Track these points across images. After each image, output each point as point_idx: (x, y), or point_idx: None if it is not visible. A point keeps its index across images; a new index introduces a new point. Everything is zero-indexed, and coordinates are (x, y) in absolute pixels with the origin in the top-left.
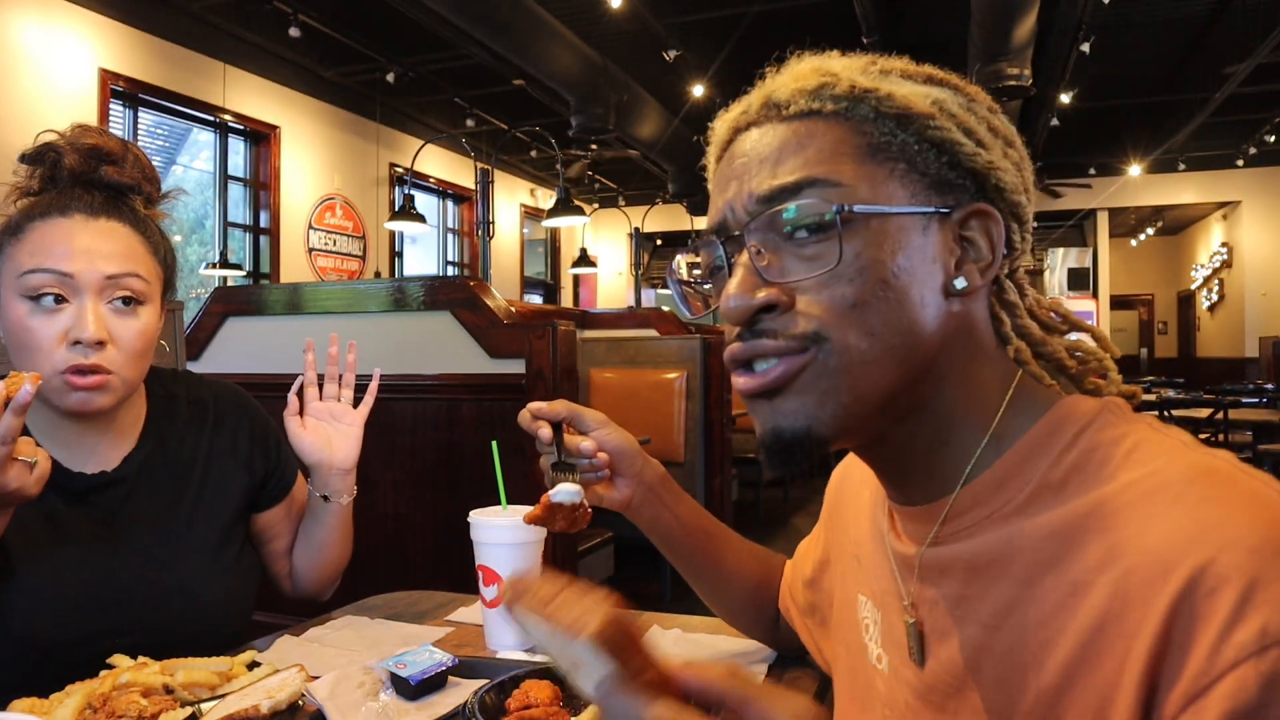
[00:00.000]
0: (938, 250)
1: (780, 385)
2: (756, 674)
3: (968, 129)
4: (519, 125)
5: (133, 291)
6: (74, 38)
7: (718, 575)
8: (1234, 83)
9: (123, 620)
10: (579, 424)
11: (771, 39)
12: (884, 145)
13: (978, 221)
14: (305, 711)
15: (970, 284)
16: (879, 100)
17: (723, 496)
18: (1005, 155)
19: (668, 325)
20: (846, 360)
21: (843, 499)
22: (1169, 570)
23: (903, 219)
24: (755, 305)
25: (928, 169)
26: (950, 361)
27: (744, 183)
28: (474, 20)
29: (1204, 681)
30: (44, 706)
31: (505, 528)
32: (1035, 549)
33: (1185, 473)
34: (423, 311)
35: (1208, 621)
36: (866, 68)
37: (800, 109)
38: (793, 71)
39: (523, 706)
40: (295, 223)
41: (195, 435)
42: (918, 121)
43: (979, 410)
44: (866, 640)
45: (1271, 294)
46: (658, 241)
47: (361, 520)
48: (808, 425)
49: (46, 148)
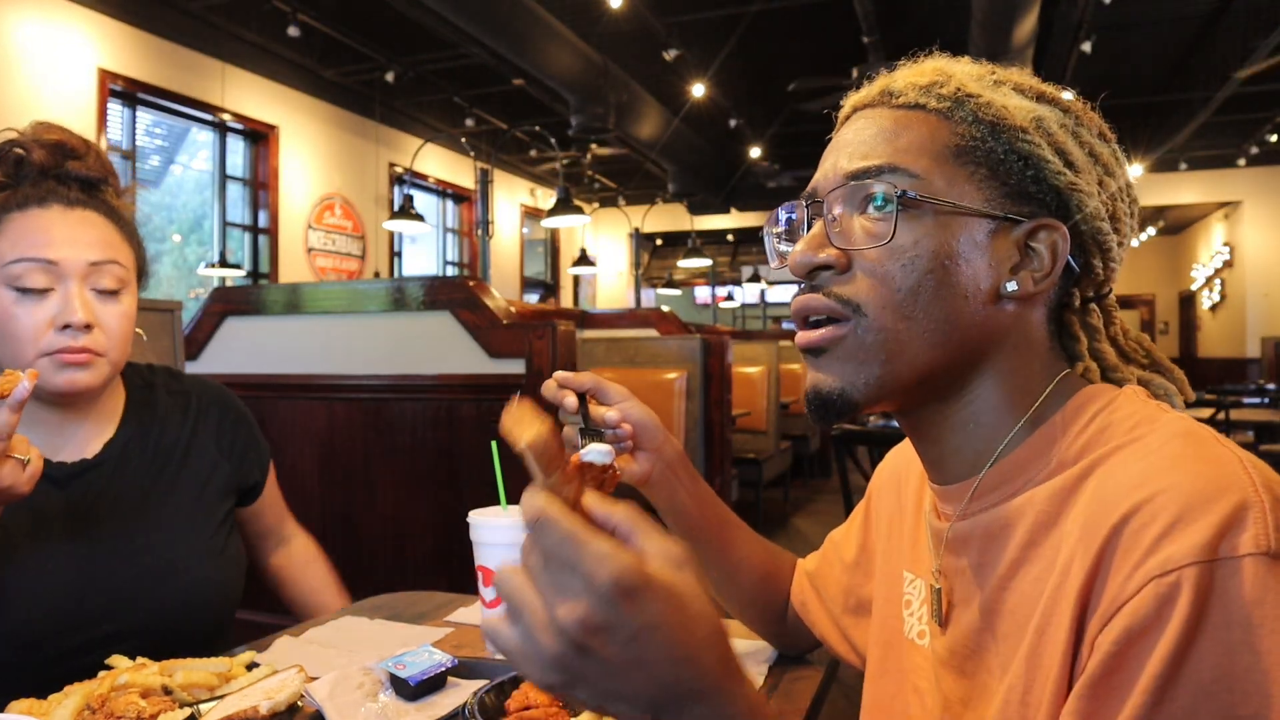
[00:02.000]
0: (997, 253)
1: (824, 346)
2: (757, 676)
3: (1061, 148)
4: (519, 125)
5: (114, 278)
6: (73, 37)
7: (727, 562)
8: (1235, 82)
9: (108, 604)
10: (603, 396)
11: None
12: (971, 149)
13: (1045, 234)
14: (304, 712)
15: (1022, 288)
16: (979, 106)
17: (723, 496)
18: (1100, 182)
19: (668, 325)
20: (881, 337)
21: (897, 481)
22: (1114, 508)
23: (968, 218)
24: (815, 262)
25: (1009, 178)
26: (997, 356)
27: (839, 157)
28: (473, 20)
29: (1115, 604)
30: (42, 707)
31: (505, 528)
32: (1038, 510)
33: (1165, 436)
34: (422, 311)
35: (1129, 552)
36: (982, 75)
37: (908, 100)
38: (916, 67)
39: (522, 707)
40: (294, 222)
41: (177, 422)
42: (1010, 132)
43: (1019, 400)
44: (906, 615)
45: (1273, 294)
46: (658, 241)
47: (362, 520)
48: (841, 388)
49: (9, 144)
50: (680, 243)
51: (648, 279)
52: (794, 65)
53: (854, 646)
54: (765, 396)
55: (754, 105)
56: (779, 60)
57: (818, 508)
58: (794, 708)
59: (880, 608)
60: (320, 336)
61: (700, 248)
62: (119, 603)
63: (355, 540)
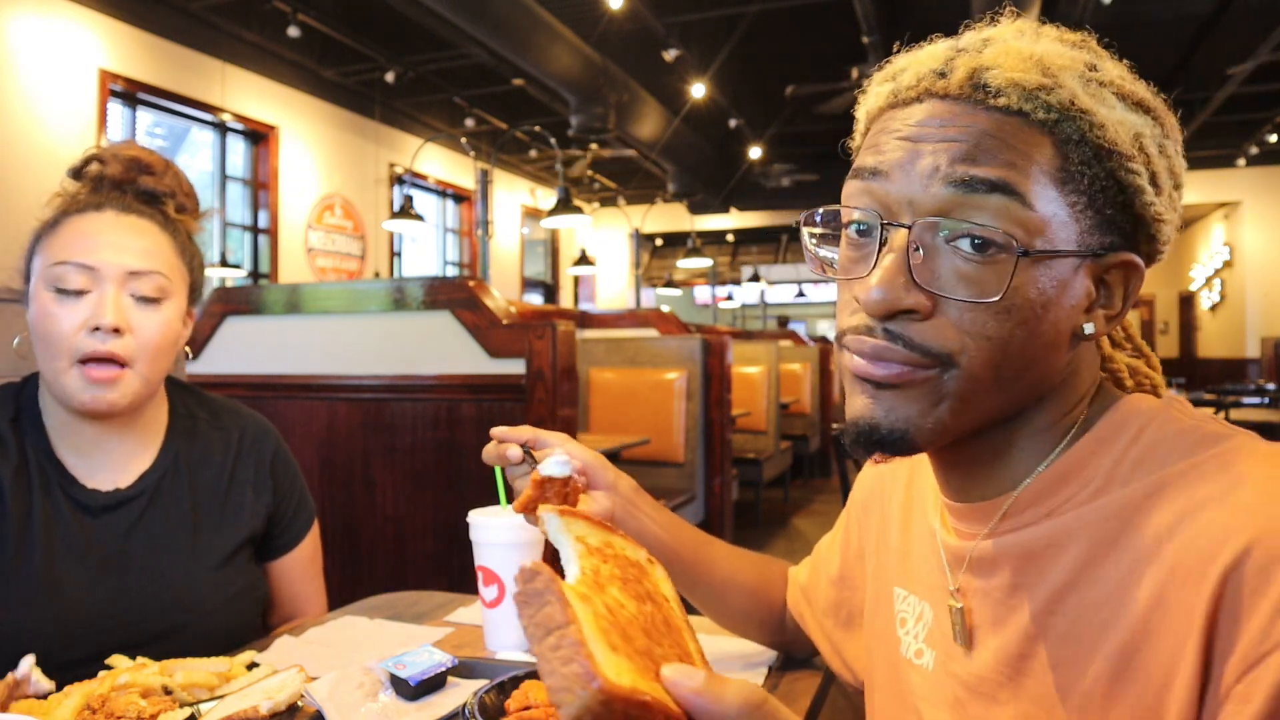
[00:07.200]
0: (1079, 293)
1: (894, 384)
2: (757, 678)
3: (1154, 173)
4: (519, 125)
5: (155, 286)
6: (73, 37)
7: (712, 582)
8: (1235, 82)
9: (128, 639)
10: (542, 443)
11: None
12: (1077, 175)
13: (1120, 270)
14: (304, 712)
15: (1096, 330)
16: (1090, 126)
17: (723, 496)
18: (1171, 199)
19: (668, 325)
20: (968, 388)
21: (880, 495)
22: (1223, 544)
23: (1062, 259)
24: (899, 307)
25: (1102, 207)
26: (1051, 387)
27: (926, 156)
28: (473, 20)
29: (1259, 652)
30: (43, 707)
31: (505, 528)
32: (1095, 530)
33: (1248, 455)
34: (422, 311)
35: (1260, 596)
36: (1086, 75)
37: (1008, 104)
38: (1012, 54)
39: (523, 707)
40: (294, 223)
41: (217, 463)
42: (1117, 160)
43: (1064, 421)
44: (901, 634)
45: (1273, 294)
46: (658, 242)
47: (362, 520)
48: (906, 429)
49: (91, 158)
50: (680, 243)
51: (648, 279)
52: (794, 65)
53: (845, 662)
54: (765, 396)
55: (754, 105)
56: (779, 60)
57: (818, 508)
58: (794, 708)
59: (873, 624)
60: (320, 336)
61: (700, 248)
62: (141, 642)
63: (355, 540)
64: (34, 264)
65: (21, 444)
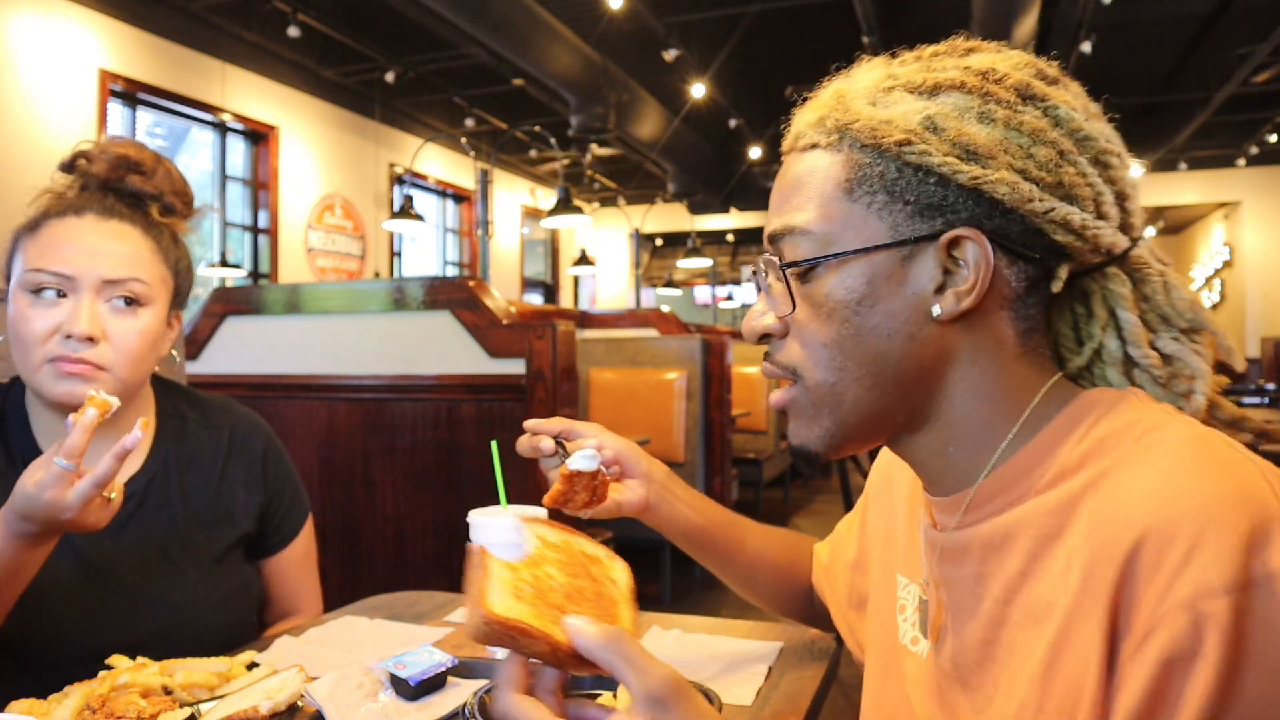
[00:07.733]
0: (918, 279)
1: (784, 409)
2: (758, 675)
3: (962, 142)
4: (519, 125)
5: (133, 293)
6: (73, 37)
7: (742, 562)
8: (1235, 82)
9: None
10: (575, 434)
11: (772, 39)
12: (863, 179)
13: (960, 247)
14: (305, 712)
15: (946, 310)
16: (858, 131)
17: (723, 496)
18: (1027, 155)
19: (668, 325)
20: (819, 394)
21: (889, 482)
22: (1126, 530)
23: (873, 255)
24: (758, 331)
25: (911, 195)
26: (956, 376)
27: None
28: (473, 20)
29: (1146, 628)
30: (42, 707)
31: (505, 528)
32: (1041, 523)
33: (1174, 444)
34: (422, 311)
35: (1154, 574)
36: (877, 85)
37: (807, 143)
38: (817, 98)
39: None
40: (294, 223)
41: (208, 461)
42: (891, 149)
43: (1001, 412)
44: (900, 620)
45: (1273, 294)
46: (658, 241)
47: (362, 520)
48: (803, 443)
49: (79, 154)
50: (680, 243)
51: (648, 279)
52: (794, 65)
53: (859, 642)
54: (765, 396)
55: (754, 105)
56: (779, 60)
57: (818, 508)
58: (794, 708)
59: (876, 609)
60: (320, 336)
61: (700, 248)
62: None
63: (355, 540)
64: (14, 265)
65: (8, 445)
